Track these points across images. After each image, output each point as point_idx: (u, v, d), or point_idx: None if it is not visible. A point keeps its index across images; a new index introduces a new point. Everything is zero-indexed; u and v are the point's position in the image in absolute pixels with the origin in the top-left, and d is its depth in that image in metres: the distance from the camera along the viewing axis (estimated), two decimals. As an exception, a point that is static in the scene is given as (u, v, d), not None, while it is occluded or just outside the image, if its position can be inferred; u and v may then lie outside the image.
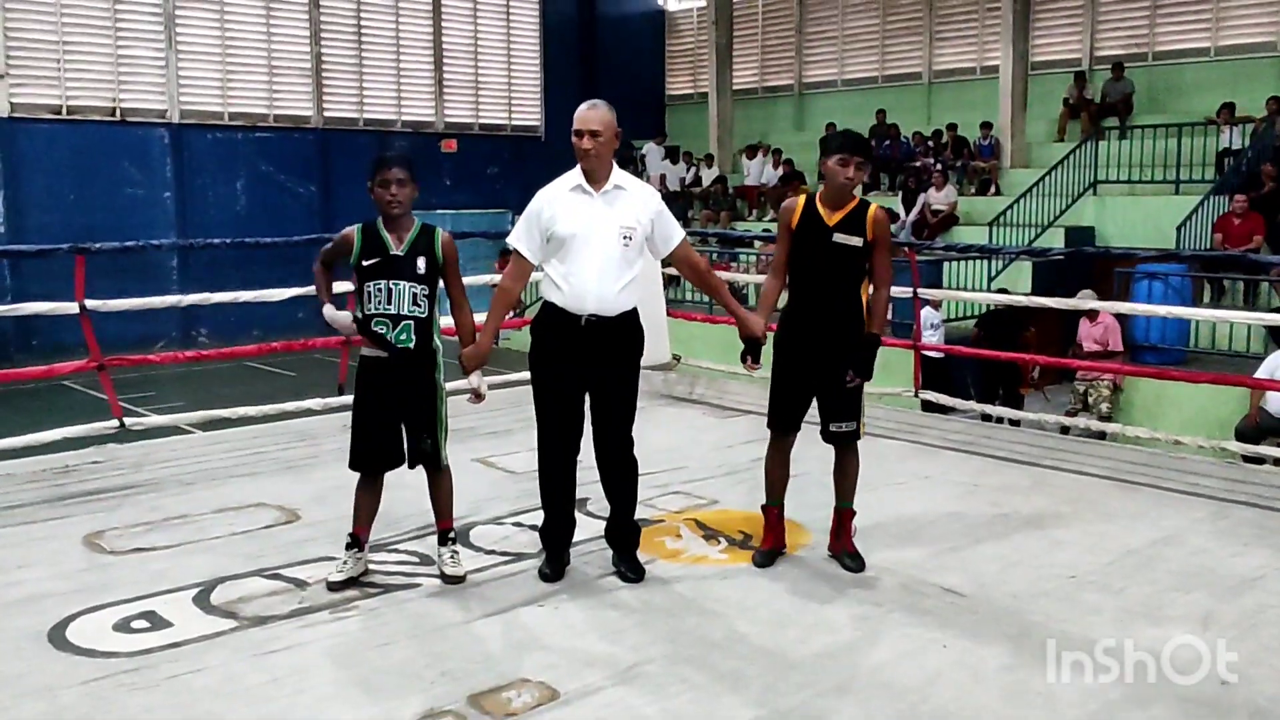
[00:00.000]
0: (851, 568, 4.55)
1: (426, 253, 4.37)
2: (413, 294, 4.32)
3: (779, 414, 4.65)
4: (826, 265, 4.48)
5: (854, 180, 4.42)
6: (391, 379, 4.35)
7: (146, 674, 3.62)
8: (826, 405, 4.59)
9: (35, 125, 19.04)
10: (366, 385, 4.40)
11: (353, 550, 4.44)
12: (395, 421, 4.38)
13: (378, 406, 4.37)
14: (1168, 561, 4.69)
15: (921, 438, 6.92)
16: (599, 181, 4.34)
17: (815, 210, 4.50)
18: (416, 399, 4.38)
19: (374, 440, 4.40)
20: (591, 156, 4.31)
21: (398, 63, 23.04)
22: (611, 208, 4.33)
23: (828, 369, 4.50)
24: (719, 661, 3.73)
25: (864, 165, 4.44)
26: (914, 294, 7.67)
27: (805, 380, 4.57)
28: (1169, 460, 6.37)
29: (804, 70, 24.44)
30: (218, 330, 18.90)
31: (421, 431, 4.39)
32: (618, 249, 4.31)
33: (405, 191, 4.32)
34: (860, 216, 4.45)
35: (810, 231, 4.49)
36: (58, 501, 5.56)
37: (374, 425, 4.38)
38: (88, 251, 6.17)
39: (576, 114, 4.35)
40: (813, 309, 4.52)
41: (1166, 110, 17.68)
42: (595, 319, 4.30)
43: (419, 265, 4.35)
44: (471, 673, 3.63)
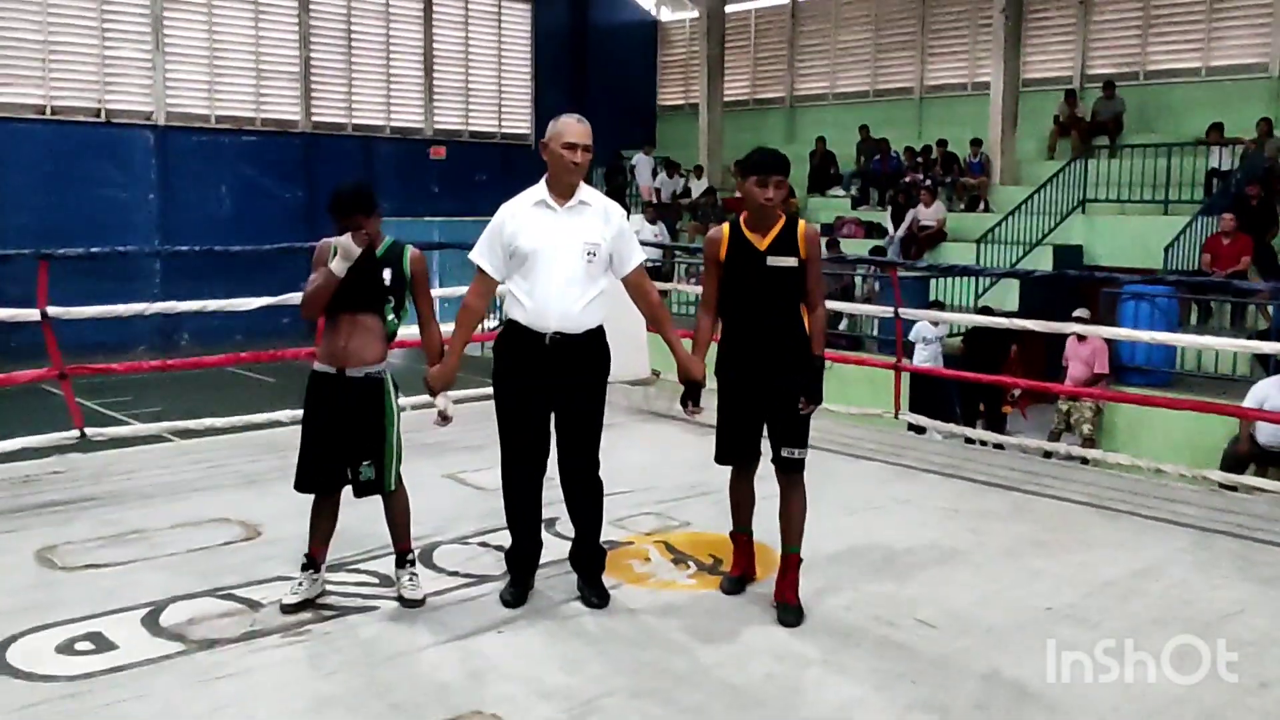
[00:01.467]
0: (788, 622, 4.17)
1: (394, 265, 4.26)
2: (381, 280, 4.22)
3: (730, 448, 4.41)
4: (763, 291, 4.24)
5: (774, 200, 4.18)
6: (340, 400, 4.21)
7: (84, 700, 3.49)
8: (777, 431, 4.31)
9: (18, 125, 18.86)
10: (315, 403, 4.27)
11: (308, 571, 4.31)
12: (342, 443, 4.24)
13: (325, 427, 4.24)
14: (1146, 595, 4.58)
15: (902, 459, 6.82)
16: (564, 197, 4.23)
17: (743, 237, 4.26)
18: (365, 423, 4.24)
19: (321, 461, 4.25)
20: (578, 172, 4.22)
21: (387, 68, 22.91)
22: (575, 223, 4.22)
23: (776, 395, 4.25)
24: (682, 695, 3.60)
25: (782, 183, 4.20)
26: (895, 314, 7.56)
27: (754, 410, 4.34)
28: (1151, 487, 6.27)
29: (795, 83, 24.38)
30: (199, 335, 18.70)
31: (362, 458, 4.24)
32: (581, 265, 4.19)
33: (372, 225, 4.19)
34: (791, 235, 4.22)
35: (741, 259, 4.25)
36: (13, 513, 5.41)
37: (322, 446, 4.25)
38: (51, 257, 6.03)
39: (566, 126, 4.20)
40: (753, 337, 4.28)
41: (1157, 130, 17.64)
42: (560, 337, 4.18)
43: (385, 276, 4.23)
44: (422, 704, 3.50)
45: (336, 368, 4.22)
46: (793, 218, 4.28)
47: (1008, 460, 6.99)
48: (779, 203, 4.22)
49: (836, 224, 18.82)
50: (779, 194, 4.20)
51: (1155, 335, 6.95)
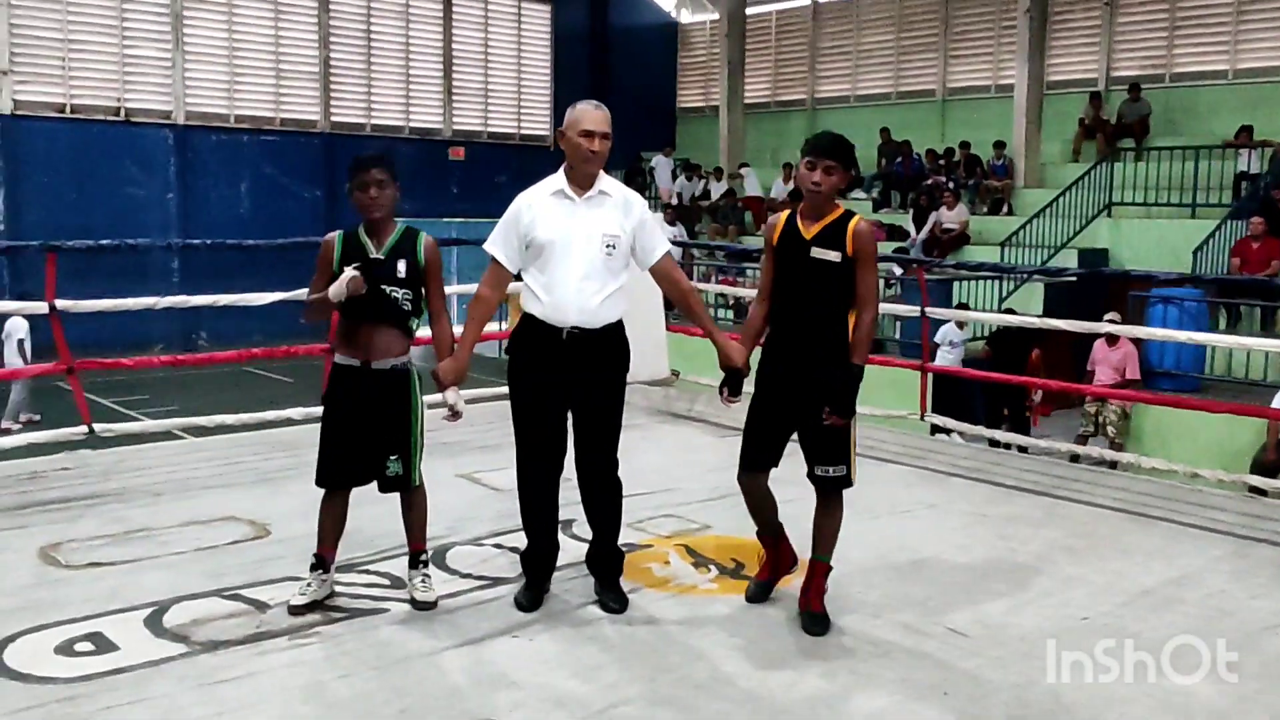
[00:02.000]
0: (813, 630, 3.99)
1: (408, 256, 4.11)
2: (394, 298, 4.07)
3: (748, 451, 4.18)
4: (805, 283, 4.02)
5: (822, 186, 3.94)
6: (364, 392, 4.09)
7: (82, 704, 3.36)
8: (809, 445, 4.08)
9: (38, 123, 18.91)
10: (338, 396, 4.14)
11: (317, 572, 4.17)
12: (365, 438, 4.11)
13: (349, 420, 4.11)
14: (1185, 603, 4.40)
15: (928, 463, 6.64)
16: (583, 187, 4.08)
17: (794, 224, 4.06)
18: (390, 417, 4.11)
19: (343, 455, 4.13)
20: (597, 160, 4.06)
21: (407, 69, 22.88)
22: (594, 214, 4.07)
23: (807, 404, 4.01)
24: (702, 705, 3.45)
25: (834, 169, 3.94)
26: (922, 313, 7.39)
27: (782, 416, 4.09)
28: (1185, 493, 6.08)
29: (817, 85, 24.23)
30: (217, 334, 18.69)
31: (390, 452, 4.12)
32: (600, 258, 4.04)
33: (386, 194, 4.07)
34: (840, 229, 3.98)
35: (790, 248, 4.04)
36: (18, 510, 5.30)
37: (344, 440, 4.12)
38: (59, 249, 5.92)
39: (583, 114, 4.05)
40: (791, 335, 4.06)
41: (1183, 132, 17.42)
42: (577, 332, 4.03)
43: (399, 269, 4.09)
44: (432, 710, 3.36)
45: (361, 360, 4.08)
46: (849, 212, 4.03)
47: (1035, 464, 6.80)
48: (829, 191, 3.97)
49: (858, 227, 18.63)
50: (828, 180, 3.94)
51: (1193, 335, 6.75)
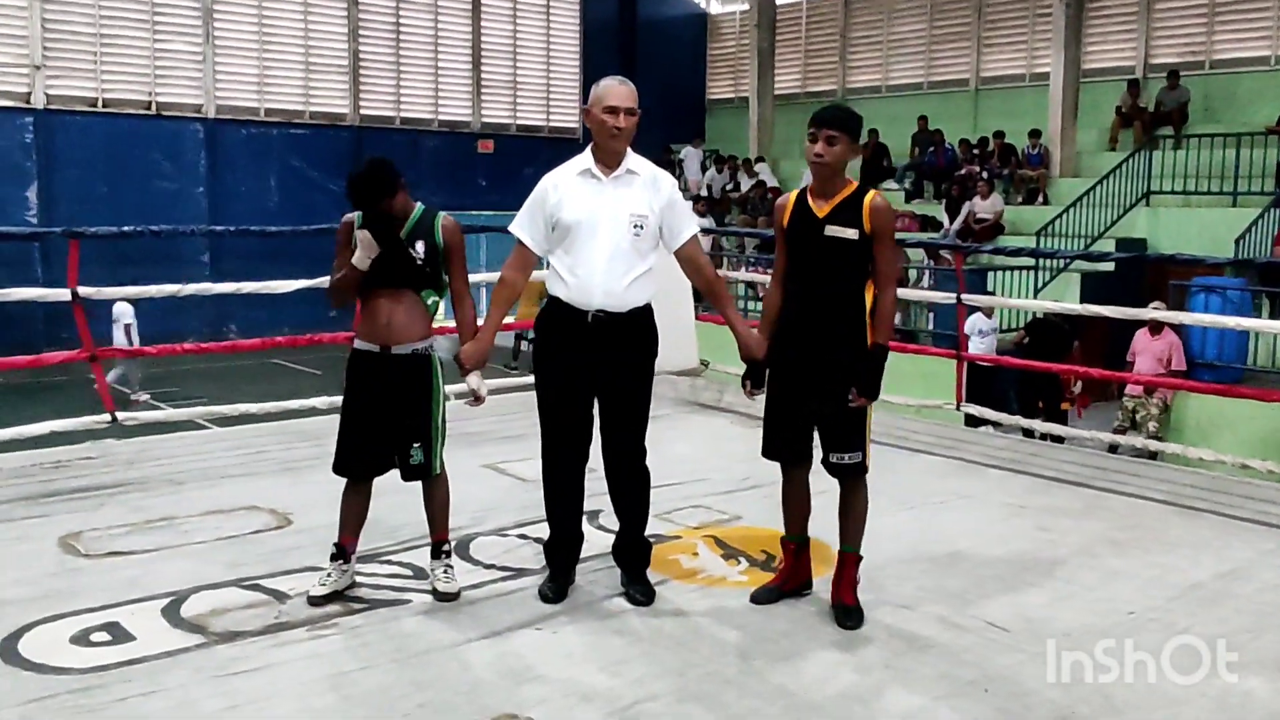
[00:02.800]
0: (846, 624, 3.87)
1: (426, 236, 4.01)
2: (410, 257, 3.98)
3: (772, 442, 4.05)
4: (820, 264, 3.85)
5: (825, 157, 3.77)
6: (384, 378, 3.99)
7: (95, 695, 3.28)
8: (825, 432, 3.95)
9: (71, 117, 19.00)
10: (357, 383, 4.05)
11: (338, 562, 4.08)
12: (386, 425, 4.02)
13: (368, 407, 4.02)
14: (1236, 599, 4.23)
15: (963, 454, 6.47)
16: (610, 165, 3.95)
17: (805, 204, 3.89)
18: (410, 403, 4.02)
19: (363, 444, 4.04)
20: (623, 136, 3.92)
21: (435, 62, 22.82)
22: (622, 194, 3.94)
23: (824, 390, 3.87)
24: (731, 701, 3.32)
25: (836, 139, 3.75)
26: (958, 300, 7.21)
27: (801, 403, 3.94)
28: (1233, 485, 5.89)
29: (848, 75, 23.96)
30: (247, 327, 18.67)
31: (412, 440, 4.02)
32: (628, 239, 3.92)
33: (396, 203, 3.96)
34: (855, 205, 3.80)
35: (802, 228, 3.88)
36: (40, 499, 5.25)
37: (363, 428, 4.02)
38: (81, 235, 5.87)
39: (607, 89, 3.92)
40: (807, 318, 3.90)
41: (1223, 120, 17.06)
42: (603, 315, 3.91)
43: (418, 249, 3.99)
44: (454, 705, 3.25)
45: (380, 345, 3.98)
46: (863, 187, 3.86)
47: (1075, 456, 6.62)
48: (834, 162, 3.79)
49: (890, 217, 18.41)
50: (830, 151, 3.77)
51: (1240, 321, 6.53)
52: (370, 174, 3.93)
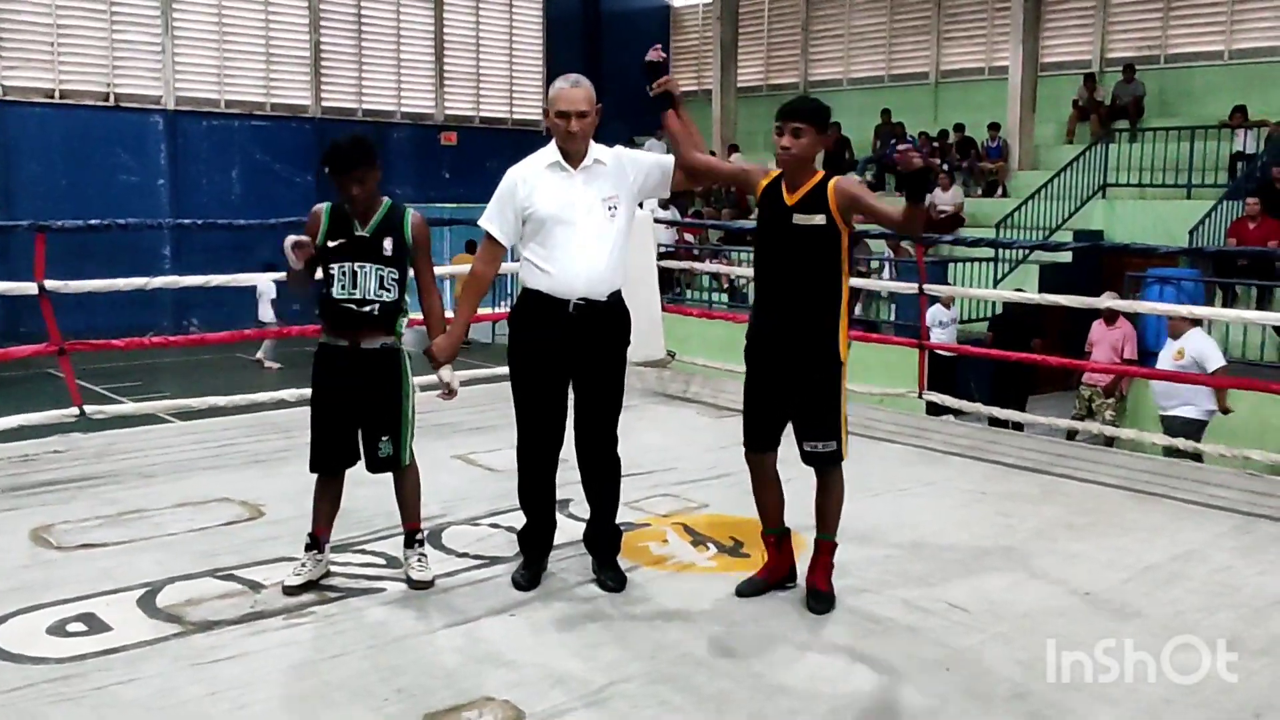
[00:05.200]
0: (816, 609, 3.93)
1: (394, 233, 4.04)
2: (379, 277, 4.00)
3: (748, 429, 4.09)
4: (791, 252, 3.88)
5: (792, 149, 3.81)
6: (352, 372, 4.03)
7: (74, 683, 3.31)
8: (799, 422, 3.98)
9: (28, 108, 18.77)
10: (324, 377, 4.08)
11: (312, 552, 4.12)
12: (354, 418, 4.06)
13: (336, 402, 4.05)
14: (1189, 579, 4.37)
15: (926, 442, 6.60)
16: (578, 159, 4.04)
17: (778, 187, 3.91)
18: (379, 396, 4.06)
19: (335, 439, 4.08)
20: (578, 139, 4.01)
21: (398, 53, 22.74)
22: (592, 183, 4.04)
23: (798, 378, 3.91)
24: (702, 682, 3.41)
25: (803, 130, 3.79)
26: (920, 291, 7.34)
27: (775, 391, 3.98)
28: (1186, 470, 6.05)
29: (810, 68, 24.10)
30: (210, 320, 18.57)
31: (381, 433, 4.07)
32: (605, 223, 4.02)
33: (367, 186, 3.97)
34: (821, 192, 3.82)
35: (771, 212, 3.92)
36: (9, 492, 5.24)
37: (333, 422, 4.06)
38: (48, 229, 5.84)
39: (557, 94, 4.01)
40: (777, 307, 3.92)
41: (1178, 113, 17.35)
42: (584, 303, 3.99)
43: (385, 246, 4.02)
44: (430, 689, 3.31)
45: (349, 341, 4.02)
46: (829, 174, 3.90)
47: (1034, 443, 6.77)
48: (801, 153, 3.82)
49: (852, 209, 18.58)
50: (797, 143, 3.80)
51: (1194, 310, 6.70)
52: (355, 141, 3.96)
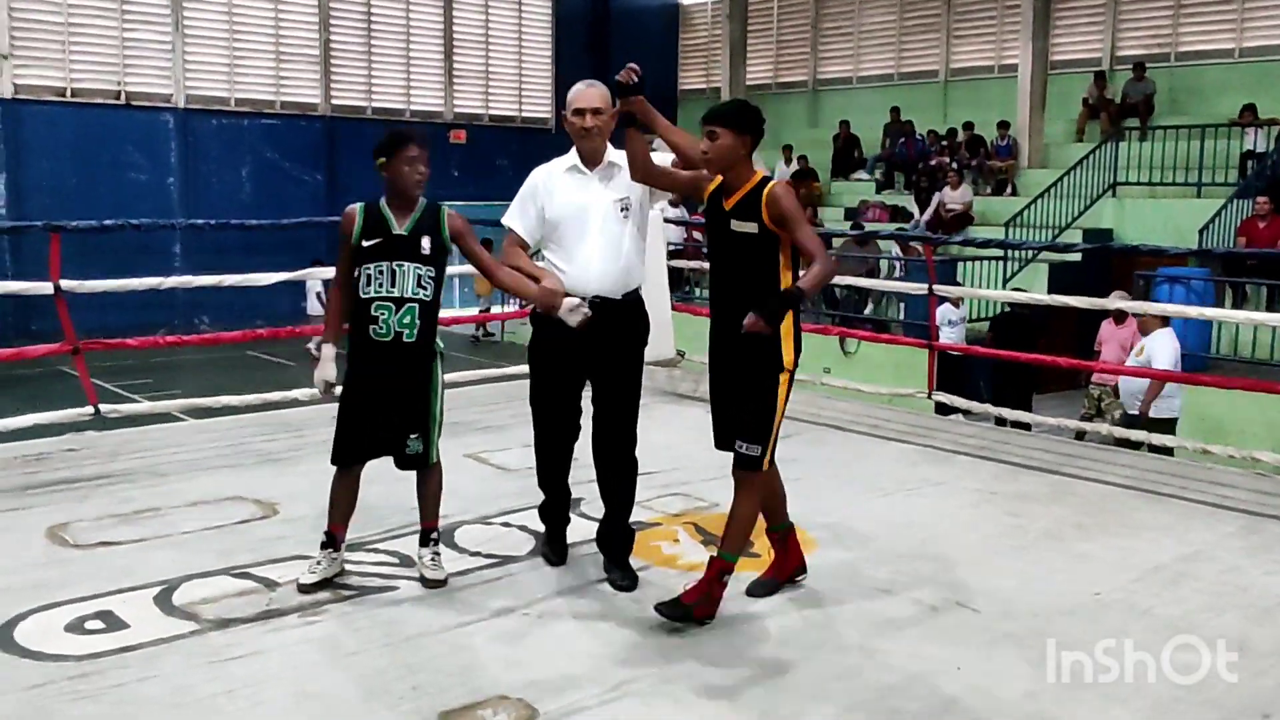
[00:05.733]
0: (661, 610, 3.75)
1: (432, 232, 4.05)
2: (417, 276, 4.00)
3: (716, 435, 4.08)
4: (728, 258, 3.88)
5: (709, 153, 3.79)
6: (387, 368, 4.03)
7: (93, 680, 3.35)
8: (733, 421, 3.94)
9: (39, 107, 18.86)
10: (359, 365, 4.07)
11: (328, 550, 4.16)
12: (386, 413, 4.07)
13: (369, 390, 4.05)
14: (1198, 579, 4.38)
15: (934, 441, 6.62)
16: (593, 161, 4.16)
17: (720, 193, 3.89)
18: (411, 393, 4.07)
19: (363, 430, 4.08)
20: (594, 135, 4.12)
21: (407, 52, 22.80)
22: (607, 185, 4.15)
23: (737, 383, 3.88)
24: (715, 680, 3.44)
25: (717, 133, 3.76)
26: (929, 291, 7.35)
27: (723, 395, 3.97)
28: (1194, 470, 6.06)
29: (819, 66, 24.12)
30: (220, 318, 18.65)
31: (410, 430, 4.07)
32: (617, 223, 4.13)
33: (427, 172, 4.03)
34: (756, 198, 3.76)
35: (713, 217, 3.91)
36: (25, 491, 5.29)
37: (364, 414, 4.06)
38: (62, 229, 5.89)
39: (575, 94, 4.17)
40: (721, 312, 3.88)
41: (1188, 112, 17.34)
42: (599, 301, 4.08)
43: (423, 245, 4.02)
44: (445, 687, 3.34)
45: (394, 336, 4.01)
46: (766, 179, 3.84)
47: (1043, 443, 6.78)
48: (718, 156, 3.79)
49: (861, 208, 18.60)
50: (714, 146, 3.78)
51: (1203, 311, 6.69)
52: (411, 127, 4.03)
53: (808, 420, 7.08)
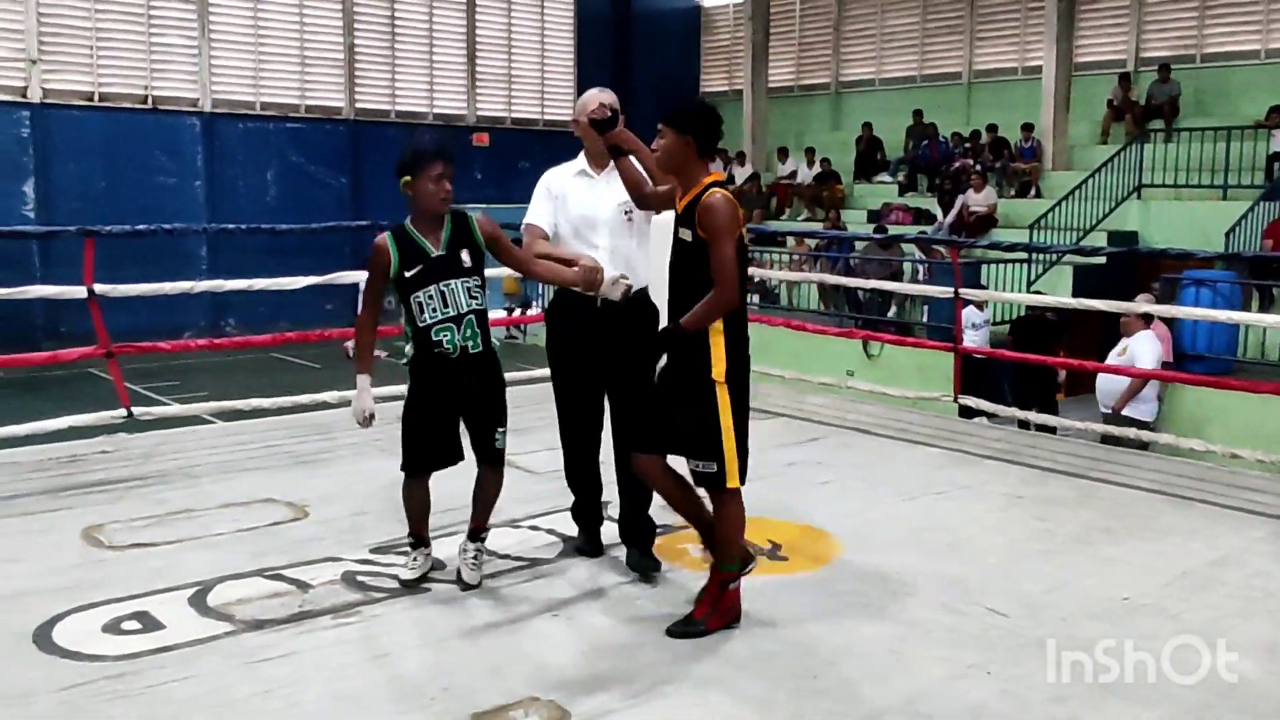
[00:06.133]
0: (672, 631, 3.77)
1: (468, 244, 4.05)
2: (467, 289, 4.02)
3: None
4: (673, 264, 3.82)
5: (660, 154, 3.77)
6: (461, 380, 4.05)
7: (130, 681, 3.40)
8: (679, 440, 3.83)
9: (67, 111, 19.04)
10: (429, 382, 4.08)
11: (420, 548, 4.23)
12: (455, 421, 4.11)
13: (439, 407, 4.08)
14: (1226, 585, 4.38)
15: (960, 445, 6.62)
16: (601, 164, 4.36)
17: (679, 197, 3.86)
18: (484, 394, 4.08)
19: (436, 440, 4.12)
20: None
21: (430, 55, 22.89)
22: (613, 188, 4.30)
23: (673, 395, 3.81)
24: (744, 684, 3.46)
25: (663, 133, 3.74)
26: (955, 294, 7.35)
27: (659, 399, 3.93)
28: (1222, 474, 6.04)
29: (841, 69, 24.07)
30: (246, 321, 18.82)
31: (496, 425, 4.10)
32: (622, 226, 4.33)
33: (452, 190, 4.02)
34: (694, 206, 3.69)
35: (675, 219, 3.85)
36: (60, 492, 5.36)
37: (435, 426, 4.10)
38: (96, 234, 5.97)
39: (585, 99, 4.33)
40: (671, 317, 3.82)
41: (1214, 113, 17.21)
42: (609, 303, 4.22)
43: (464, 259, 4.03)
44: (477, 689, 3.38)
45: (459, 349, 4.02)
46: (711, 185, 3.73)
47: (1069, 446, 6.77)
48: (664, 157, 3.77)
49: (883, 210, 18.54)
50: (659, 146, 3.77)
51: (1232, 315, 6.65)
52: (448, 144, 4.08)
53: (833, 424, 7.10)
